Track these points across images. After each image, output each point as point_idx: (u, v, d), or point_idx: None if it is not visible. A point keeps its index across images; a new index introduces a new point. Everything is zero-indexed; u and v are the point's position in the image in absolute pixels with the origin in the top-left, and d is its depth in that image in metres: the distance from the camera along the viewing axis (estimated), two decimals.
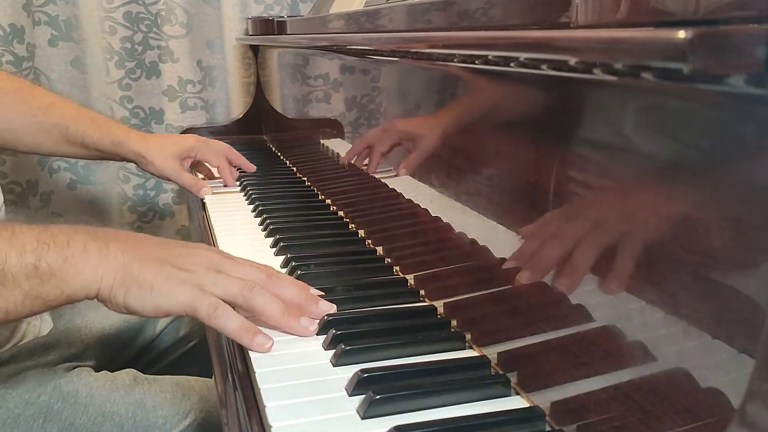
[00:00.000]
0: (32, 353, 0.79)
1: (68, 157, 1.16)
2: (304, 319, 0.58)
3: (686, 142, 0.34)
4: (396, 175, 0.74)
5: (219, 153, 1.11)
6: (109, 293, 0.53)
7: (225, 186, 1.11)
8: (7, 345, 0.79)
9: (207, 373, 0.89)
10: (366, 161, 0.84)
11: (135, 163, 1.04)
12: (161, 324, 1.02)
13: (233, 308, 0.55)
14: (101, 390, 0.78)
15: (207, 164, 1.14)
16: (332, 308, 0.60)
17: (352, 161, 0.88)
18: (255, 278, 0.57)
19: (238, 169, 1.15)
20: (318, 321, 0.58)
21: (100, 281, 0.53)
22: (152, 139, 1.05)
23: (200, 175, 1.16)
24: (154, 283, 0.54)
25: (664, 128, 0.35)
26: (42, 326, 0.87)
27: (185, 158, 1.06)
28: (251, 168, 1.16)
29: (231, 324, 0.54)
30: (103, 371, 0.85)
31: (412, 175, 0.70)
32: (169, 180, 1.07)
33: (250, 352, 0.54)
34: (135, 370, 0.86)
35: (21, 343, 0.81)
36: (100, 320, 0.93)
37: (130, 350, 0.97)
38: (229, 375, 0.54)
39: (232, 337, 0.54)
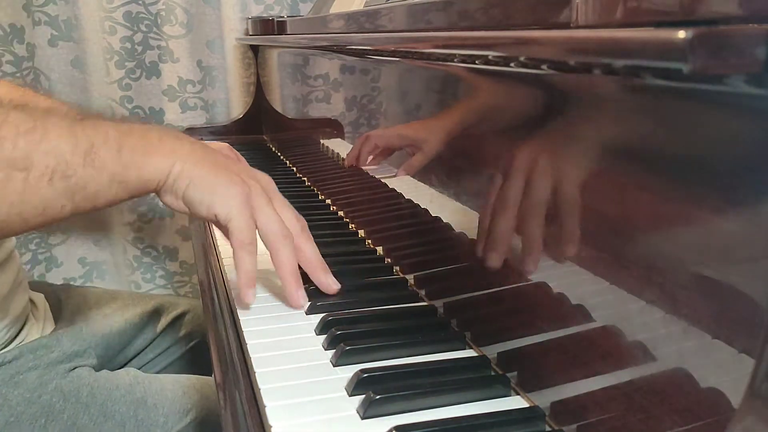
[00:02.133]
0: (35, 352, 0.79)
1: None
2: (302, 291, 0.61)
3: (686, 142, 0.34)
4: (395, 176, 0.74)
5: (222, 150, 1.10)
6: (174, 183, 0.56)
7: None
8: (11, 345, 0.79)
9: (207, 373, 0.90)
10: (367, 163, 0.84)
11: None
12: (161, 324, 1.02)
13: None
14: (102, 389, 0.78)
15: None
16: (337, 286, 0.62)
17: (354, 164, 0.88)
18: (292, 228, 0.61)
19: None
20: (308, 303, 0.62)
21: (170, 169, 0.56)
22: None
23: None
24: (218, 184, 0.57)
25: (664, 128, 0.35)
26: (45, 325, 0.87)
27: None
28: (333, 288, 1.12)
29: (245, 265, 0.57)
30: (104, 370, 0.85)
31: (413, 176, 0.70)
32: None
33: (250, 352, 0.54)
34: (135, 369, 0.86)
35: (24, 342, 0.81)
36: (101, 320, 0.93)
37: (131, 349, 0.97)
38: (229, 375, 0.54)
39: (240, 273, 0.58)
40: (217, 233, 0.87)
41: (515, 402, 0.48)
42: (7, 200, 0.49)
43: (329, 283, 0.62)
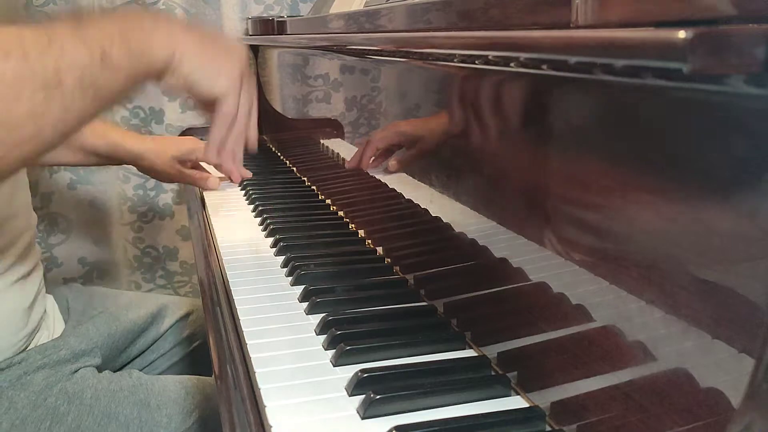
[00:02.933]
0: (43, 352, 0.79)
1: (70, 164, 1.16)
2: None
3: (686, 142, 0.34)
4: (386, 169, 0.75)
5: None
6: (179, 64, 0.58)
7: (232, 182, 1.10)
8: (26, 348, 0.79)
9: (210, 373, 0.90)
10: (370, 165, 0.84)
11: (133, 165, 1.04)
12: (165, 325, 1.02)
13: None
14: (105, 391, 0.79)
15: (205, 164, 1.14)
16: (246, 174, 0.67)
17: (357, 165, 0.88)
18: (248, 105, 0.64)
19: None
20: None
21: (174, 52, 0.57)
22: (149, 140, 1.05)
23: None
24: (215, 67, 0.60)
25: (664, 128, 0.35)
26: (56, 327, 0.87)
27: (185, 161, 1.06)
28: (247, 175, 1.14)
29: (220, 132, 0.62)
30: (107, 371, 0.85)
31: (411, 174, 0.70)
32: (171, 182, 1.07)
33: (250, 352, 0.54)
34: (138, 371, 0.87)
35: (36, 345, 0.81)
36: (107, 319, 0.93)
37: (134, 349, 0.97)
38: (230, 375, 0.54)
39: (211, 144, 0.63)
40: (218, 233, 0.87)
41: (515, 402, 0.48)
42: (53, 118, 0.49)
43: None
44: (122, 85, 0.55)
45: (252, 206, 0.98)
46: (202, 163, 1.13)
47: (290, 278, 0.70)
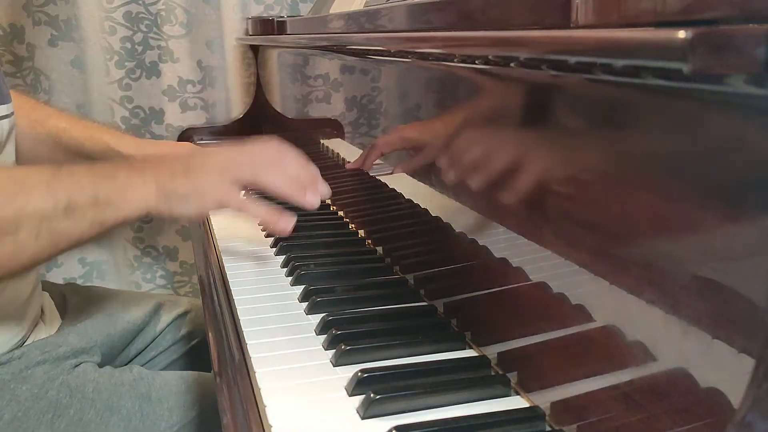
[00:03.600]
0: (42, 348, 0.79)
1: None
2: (309, 193, 0.66)
3: (686, 141, 0.34)
4: (392, 173, 0.75)
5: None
6: (157, 209, 0.62)
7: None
8: (24, 343, 0.79)
9: (209, 371, 0.90)
10: (371, 167, 0.84)
11: None
12: (162, 323, 1.02)
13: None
14: (107, 384, 0.79)
15: None
16: (328, 190, 0.68)
17: (360, 168, 0.88)
18: (262, 159, 0.67)
19: None
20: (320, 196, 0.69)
21: (147, 202, 0.61)
22: (146, 145, 1.06)
23: None
24: (188, 193, 0.63)
25: (664, 128, 0.35)
26: (52, 324, 0.87)
27: None
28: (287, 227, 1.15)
29: (260, 210, 0.65)
30: (108, 366, 0.85)
31: (412, 175, 0.70)
32: None
33: (250, 352, 0.54)
34: (139, 366, 0.87)
35: (33, 341, 0.81)
36: (105, 318, 0.93)
37: (133, 348, 0.98)
38: (229, 374, 0.54)
39: (264, 219, 0.65)
40: (217, 233, 0.87)
41: (515, 402, 0.48)
42: (0, 260, 0.54)
43: (306, 200, 0.67)
44: (85, 232, 0.58)
45: None
46: None
47: (290, 278, 0.70)
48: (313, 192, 0.66)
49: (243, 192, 0.66)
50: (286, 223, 0.64)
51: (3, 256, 0.54)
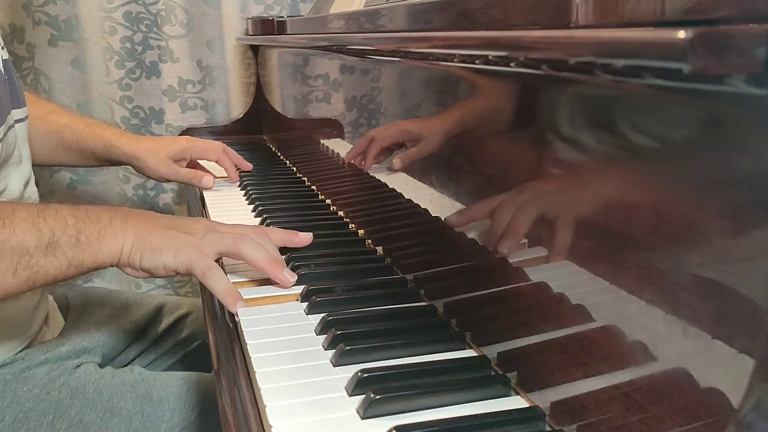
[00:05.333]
0: (45, 350, 0.79)
1: (69, 165, 1.17)
2: (287, 270, 0.66)
3: (686, 142, 0.34)
4: (388, 168, 0.75)
5: (215, 149, 1.11)
6: (128, 258, 0.63)
7: (230, 181, 1.11)
8: (30, 346, 0.79)
9: (210, 372, 0.90)
10: (366, 160, 0.84)
11: (130, 165, 1.05)
12: (164, 325, 1.02)
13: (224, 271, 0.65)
14: (108, 386, 0.79)
15: (204, 164, 1.14)
16: (293, 279, 0.66)
17: (353, 161, 0.88)
18: (246, 232, 0.67)
19: (236, 168, 1.15)
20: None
21: (122, 249, 0.62)
22: (145, 141, 1.06)
23: None
24: (163, 246, 0.63)
25: (664, 128, 0.35)
26: (55, 327, 0.88)
27: (180, 160, 1.07)
28: (248, 166, 1.16)
29: (220, 284, 0.63)
30: (108, 367, 0.85)
31: (411, 174, 0.70)
32: (167, 180, 1.08)
33: (250, 352, 0.54)
34: (140, 367, 0.87)
35: (39, 343, 0.81)
36: (106, 319, 0.93)
37: (134, 350, 0.98)
38: (230, 375, 0.54)
39: (219, 296, 0.63)
40: None
41: (515, 402, 0.48)
42: None
43: (284, 277, 0.66)
44: (63, 271, 0.60)
45: (252, 206, 0.98)
46: (200, 162, 1.13)
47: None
48: (290, 271, 0.66)
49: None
50: (242, 306, 0.62)
51: None
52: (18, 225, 0.57)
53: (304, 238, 0.73)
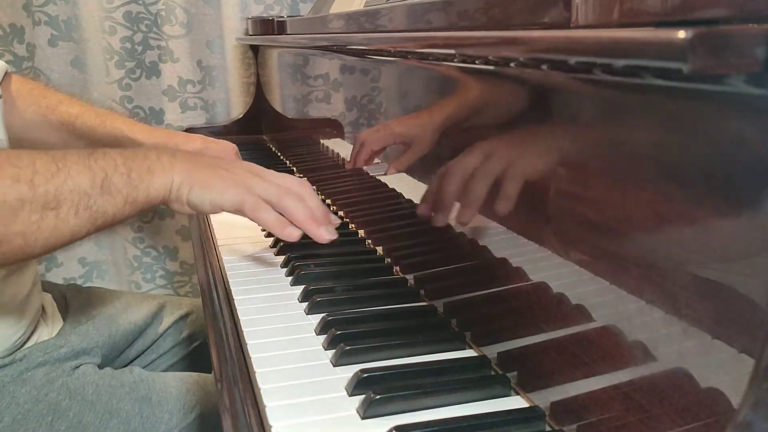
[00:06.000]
0: (44, 351, 0.79)
1: None
2: (324, 227, 0.69)
3: (686, 142, 0.34)
4: (386, 173, 0.75)
5: (229, 153, 1.10)
6: (177, 193, 0.65)
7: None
8: (24, 347, 0.79)
9: (209, 372, 0.90)
10: (365, 160, 0.84)
11: None
12: (164, 325, 1.02)
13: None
14: (107, 387, 0.79)
15: None
16: (330, 236, 0.69)
17: (352, 161, 0.88)
18: (290, 185, 0.69)
19: None
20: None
21: (171, 184, 0.65)
22: (158, 133, 1.04)
23: None
24: (212, 183, 0.66)
25: (664, 128, 0.35)
26: (54, 325, 0.87)
27: None
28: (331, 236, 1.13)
29: (270, 217, 0.67)
30: (108, 368, 0.85)
31: (411, 174, 0.70)
32: None
33: (250, 352, 0.54)
34: (139, 368, 0.87)
35: (35, 343, 0.81)
36: (106, 320, 0.93)
37: (134, 350, 0.98)
38: (229, 375, 0.54)
39: (270, 227, 0.67)
40: (218, 233, 0.87)
41: (515, 402, 0.48)
42: (43, 236, 0.56)
43: (321, 234, 0.69)
44: (120, 209, 0.61)
45: None
46: None
47: (290, 278, 0.70)
48: (327, 227, 0.69)
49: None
50: (291, 233, 0.66)
51: (46, 231, 0.56)
52: (72, 168, 0.58)
53: (325, 234, 0.70)
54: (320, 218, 0.69)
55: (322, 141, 1.08)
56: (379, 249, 0.77)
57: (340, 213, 0.92)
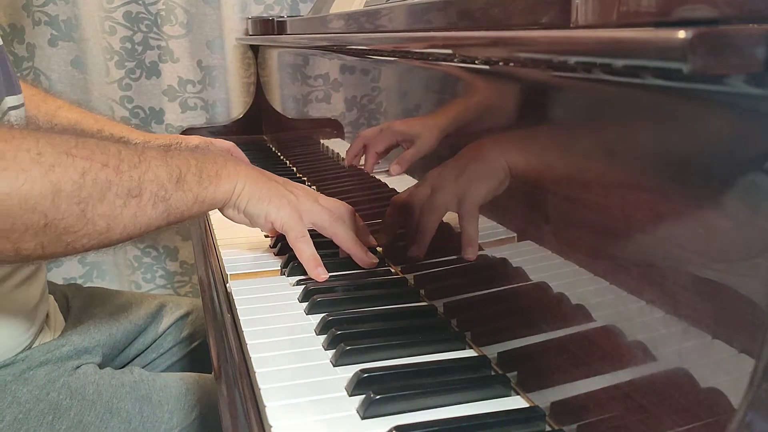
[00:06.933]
0: (46, 350, 0.79)
1: None
2: (369, 254, 0.72)
3: (686, 141, 0.34)
4: (387, 171, 0.75)
5: (225, 152, 1.10)
6: (236, 200, 0.68)
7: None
8: (31, 347, 0.79)
9: (210, 371, 0.90)
10: (364, 160, 0.84)
11: None
12: (164, 324, 1.02)
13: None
14: (107, 387, 0.79)
15: None
16: (371, 260, 0.73)
17: (352, 161, 0.88)
18: (340, 212, 0.74)
19: None
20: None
21: (233, 191, 0.67)
22: (156, 138, 1.05)
23: None
24: (271, 197, 0.69)
25: (664, 128, 0.35)
26: (57, 326, 0.87)
27: None
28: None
29: (308, 251, 0.69)
30: (108, 368, 0.85)
31: (411, 174, 0.70)
32: None
33: (250, 352, 0.54)
34: (139, 368, 0.87)
35: (40, 344, 0.81)
36: (107, 319, 0.93)
37: (134, 349, 0.98)
38: (230, 374, 0.54)
39: (304, 260, 0.69)
40: (218, 233, 0.87)
41: (515, 402, 0.48)
42: (123, 222, 0.57)
43: (367, 261, 0.72)
44: (190, 206, 0.63)
45: None
46: None
47: (290, 278, 0.70)
48: (370, 254, 0.72)
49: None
50: (321, 273, 0.68)
51: (126, 218, 0.57)
52: (151, 161, 0.60)
53: (370, 260, 0.73)
54: (363, 242, 0.73)
55: (322, 141, 1.08)
56: (379, 249, 0.77)
57: None
